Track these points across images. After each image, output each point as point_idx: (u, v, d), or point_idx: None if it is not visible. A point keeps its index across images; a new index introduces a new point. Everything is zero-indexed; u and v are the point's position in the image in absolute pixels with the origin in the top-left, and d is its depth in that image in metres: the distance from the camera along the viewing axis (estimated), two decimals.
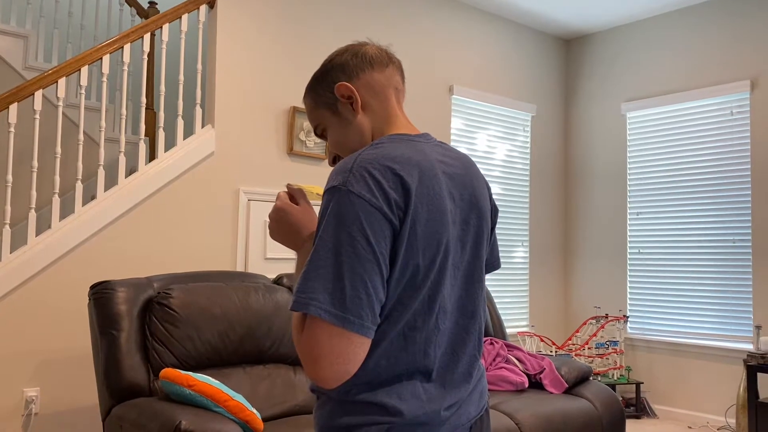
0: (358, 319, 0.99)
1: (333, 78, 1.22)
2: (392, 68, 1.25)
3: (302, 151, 4.20)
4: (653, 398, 5.21)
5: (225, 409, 2.50)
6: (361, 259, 1.00)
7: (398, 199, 1.05)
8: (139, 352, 2.75)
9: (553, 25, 5.67)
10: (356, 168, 1.06)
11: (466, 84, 5.18)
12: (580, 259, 5.81)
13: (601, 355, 5.18)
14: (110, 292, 2.78)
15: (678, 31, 5.25)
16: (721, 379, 4.83)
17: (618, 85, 5.63)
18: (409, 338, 1.09)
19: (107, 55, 3.49)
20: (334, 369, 1.00)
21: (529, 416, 3.11)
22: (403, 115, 1.25)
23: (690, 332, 5.05)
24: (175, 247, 3.69)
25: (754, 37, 4.82)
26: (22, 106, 4.07)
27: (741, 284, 4.80)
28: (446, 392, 1.13)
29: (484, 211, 1.22)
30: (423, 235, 1.08)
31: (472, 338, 1.20)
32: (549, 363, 3.62)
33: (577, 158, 5.90)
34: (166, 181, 3.65)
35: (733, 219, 4.87)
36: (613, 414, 3.38)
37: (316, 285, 1.00)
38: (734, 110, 4.90)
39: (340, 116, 1.22)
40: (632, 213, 5.48)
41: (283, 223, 1.22)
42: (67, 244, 3.32)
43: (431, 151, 1.17)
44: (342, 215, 1.02)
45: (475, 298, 1.20)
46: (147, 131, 4.52)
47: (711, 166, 5.01)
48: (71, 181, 4.32)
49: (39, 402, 3.24)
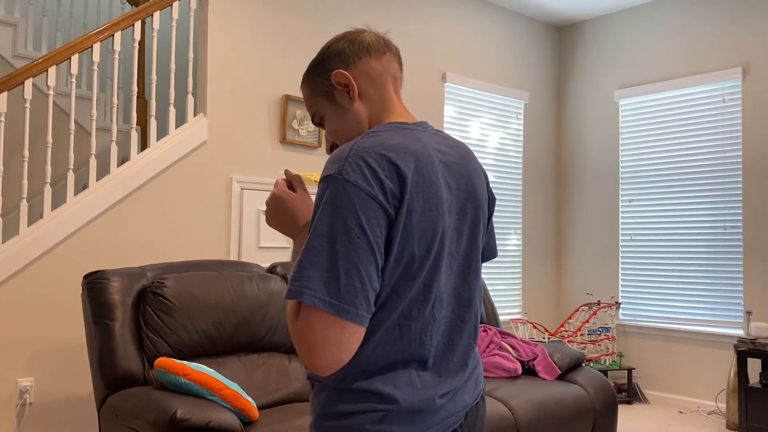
0: (353, 308, 1.00)
1: (330, 65, 1.21)
2: (390, 56, 1.23)
3: (295, 139, 4.19)
4: (645, 384, 5.26)
5: (220, 397, 2.51)
6: (355, 247, 1.00)
7: (394, 188, 1.05)
8: (134, 341, 2.75)
9: (546, 12, 5.65)
10: (352, 156, 1.05)
11: (459, 72, 5.17)
12: (573, 247, 5.84)
13: (594, 342, 5.22)
14: (104, 281, 2.77)
15: (670, 18, 5.25)
16: (712, 364, 4.88)
17: (610, 72, 5.63)
18: (405, 327, 1.10)
19: (98, 43, 3.46)
20: (328, 357, 1.01)
21: (523, 402, 3.13)
22: (400, 103, 1.24)
23: (681, 318, 5.09)
24: (168, 237, 3.68)
25: (746, 24, 4.83)
26: (11, 95, 4.03)
27: (732, 270, 4.83)
28: (441, 380, 1.14)
29: (480, 201, 1.22)
30: (418, 224, 1.08)
31: (468, 327, 1.20)
32: (542, 350, 3.65)
33: (570, 145, 5.91)
34: (159, 170, 3.64)
35: (724, 205, 4.90)
36: (605, 399, 3.41)
37: (310, 273, 1.00)
38: (726, 97, 4.92)
39: (337, 104, 1.22)
40: (624, 200, 5.50)
41: (281, 210, 1.21)
42: (59, 234, 3.31)
43: (428, 140, 1.17)
44: (337, 204, 1.02)
45: (471, 287, 1.20)
46: (138, 120, 4.49)
47: (703, 153, 5.03)
48: (63, 170, 4.29)
49: (33, 392, 3.24)
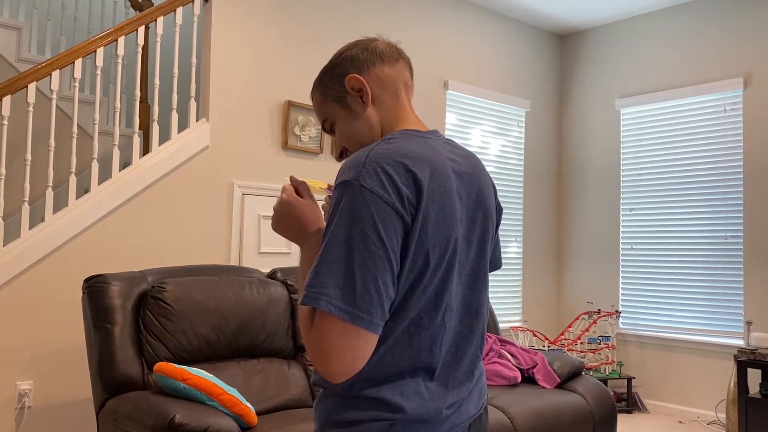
0: (368, 315, 0.99)
1: (343, 71, 1.21)
2: (402, 64, 1.24)
3: (297, 145, 4.20)
4: (644, 393, 5.25)
5: (219, 402, 2.51)
6: (372, 255, 1.00)
7: (410, 196, 1.04)
8: (133, 345, 2.76)
9: (548, 20, 5.67)
10: (369, 163, 1.05)
11: (461, 79, 5.19)
12: (573, 255, 5.83)
13: (593, 350, 5.21)
14: (104, 285, 2.78)
15: (672, 28, 5.26)
16: (712, 374, 4.87)
17: (612, 81, 5.64)
18: (414, 335, 1.09)
19: (101, 47, 3.47)
20: (342, 364, 1.00)
21: (522, 411, 3.13)
22: (412, 111, 1.24)
23: (681, 328, 5.09)
24: (169, 241, 3.69)
25: (747, 35, 4.84)
26: (15, 98, 4.05)
27: (732, 280, 4.83)
28: (448, 391, 1.14)
29: (490, 210, 1.22)
30: (433, 232, 1.07)
31: (476, 337, 1.20)
32: (542, 358, 3.64)
33: (571, 154, 5.91)
34: (161, 174, 3.64)
35: (725, 215, 4.90)
36: (604, 408, 3.41)
37: (326, 280, 0.99)
38: (727, 107, 4.92)
39: (349, 109, 1.21)
40: (625, 209, 5.51)
41: (289, 216, 1.20)
42: (60, 238, 3.31)
43: (441, 149, 1.17)
44: (354, 210, 1.01)
45: (480, 297, 1.20)
46: (141, 124, 4.51)
47: (704, 163, 5.03)
48: (65, 174, 4.30)
49: (32, 395, 3.23)
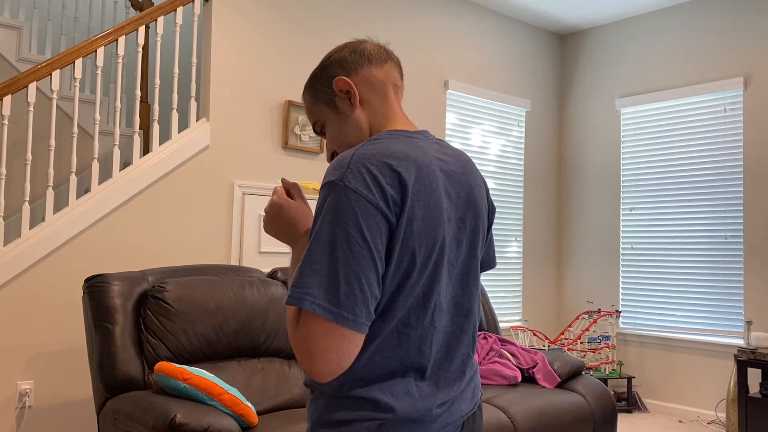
0: (352, 315, 1.00)
1: (331, 73, 1.22)
2: (390, 65, 1.25)
3: (297, 145, 4.20)
4: (644, 392, 5.25)
5: (219, 402, 2.51)
6: (356, 255, 1.01)
7: (395, 195, 1.05)
8: (134, 345, 2.76)
9: (548, 20, 5.67)
10: (353, 163, 1.06)
11: (461, 79, 5.19)
12: (573, 254, 5.84)
13: (594, 350, 5.21)
14: (105, 285, 2.78)
15: (672, 28, 5.26)
16: (712, 373, 4.87)
17: (612, 80, 5.64)
18: (404, 335, 1.10)
19: (102, 47, 3.48)
20: (327, 363, 1.01)
21: (522, 410, 3.13)
22: (401, 112, 1.25)
23: (681, 327, 5.09)
24: (169, 241, 3.69)
25: (747, 35, 4.84)
26: (15, 98, 4.05)
27: (732, 280, 4.83)
28: (439, 390, 1.14)
29: (480, 210, 1.22)
30: (419, 232, 1.08)
31: (467, 337, 1.20)
32: (542, 357, 3.65)
33: (571, 154, 5.92)
34: (161, 174, 3.65)
35: (725, 215, 4.90)
36: (604, 408, 3.41)
37: (311, 280, 1.00)
38: (727, 107, 4.93)
39: (338, 111, 1.23)
40: (625, 208, 5.51)
41: (280, 218, 1.21)
42: (61, 237, 3.31)
43: (429, 148, 1.17)
44: (338, 211, 1.02)
45: (470, 297, 1.21)
46: (141, 124, 4.51)
47: (704, 163, 5.03)
48: (65, 173, 4.30)
49: (33, 395, 3.24)
